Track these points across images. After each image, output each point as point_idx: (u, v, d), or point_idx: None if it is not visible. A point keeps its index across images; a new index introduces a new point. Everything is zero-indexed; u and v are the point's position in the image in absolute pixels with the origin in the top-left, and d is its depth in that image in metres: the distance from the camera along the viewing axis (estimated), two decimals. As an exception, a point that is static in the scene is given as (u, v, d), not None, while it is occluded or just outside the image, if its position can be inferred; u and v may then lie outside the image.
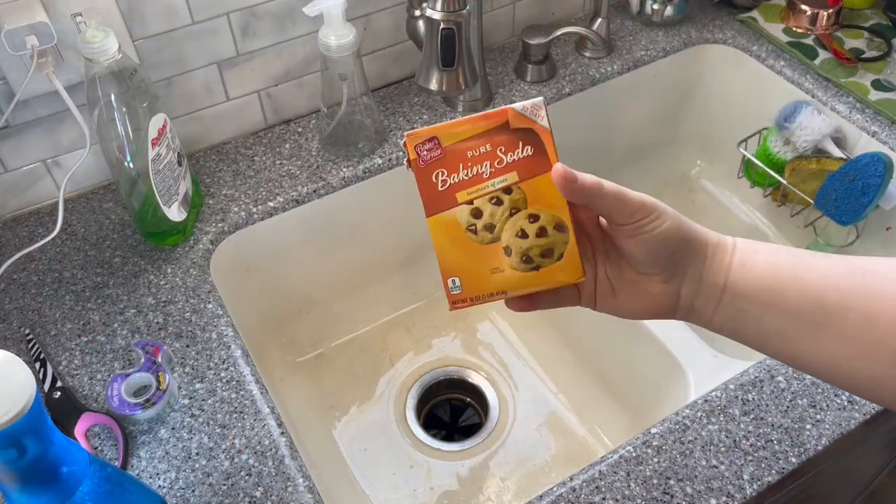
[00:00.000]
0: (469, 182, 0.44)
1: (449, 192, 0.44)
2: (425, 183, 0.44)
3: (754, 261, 0.45)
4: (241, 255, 0.84)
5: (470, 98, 0.93)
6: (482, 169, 0.44)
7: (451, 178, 0.44)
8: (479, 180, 0.44)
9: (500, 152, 0.43)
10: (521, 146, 0.44)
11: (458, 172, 0.44)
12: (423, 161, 0.44)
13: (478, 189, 0.44)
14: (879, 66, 0.95)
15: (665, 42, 1.03)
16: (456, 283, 0.45)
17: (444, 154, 0.44)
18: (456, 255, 0.45)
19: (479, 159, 0.44)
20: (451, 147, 0.44)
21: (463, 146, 0.44)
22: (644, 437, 0.64)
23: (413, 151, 0.44)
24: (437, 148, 0.44)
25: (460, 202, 0.44)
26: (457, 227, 0.44)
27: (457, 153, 0.44)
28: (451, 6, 0.70)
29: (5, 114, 0.75)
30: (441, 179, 0.44)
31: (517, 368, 0.95)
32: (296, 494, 0.61)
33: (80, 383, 0.69)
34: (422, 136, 0.43)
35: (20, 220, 0.83)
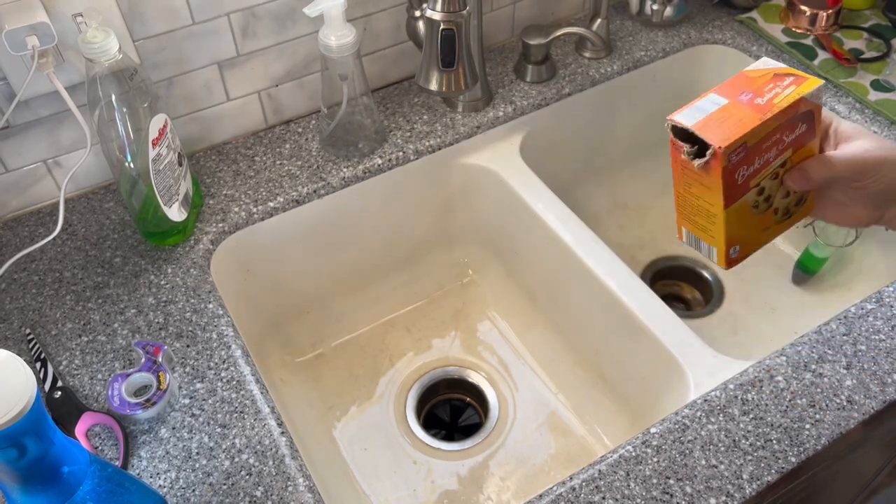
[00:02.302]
0: (760, 168, 0.49)
1: (745, 183, 0.49)
2: (729, 182, 0.48)
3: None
4: (241, 255, 0.84)
5: (470, 98, 0.93)
6: (770, 155, 0.49)
7: (748, 170, 0.48)
8: (767, 164, 0.49)
9: (784, 136, 0.48)
10: (798, 126, 0.49)
11: (753, 164, 0.49)
12: (732, 164, 0.47)
13: (765, 172, 0.49)
14: (879, 67, 0.95)
15: (665, 42, 1.03)
16: (736, 249, 0.52)
17: (746, 153, 0.48)
18: (740, 229, 0.51)
19: (768, 148, 0.48)
20: (752, 146, 0.48)
21: (760, 141, 0.48)
22: (643, 437, 0.64)
23: (726, 160, 0.47)
24: (743, 151, 0.47)
25: (752, 187, 0.49)
26: (746, 208, 0.50)
27: (754, 149, 0.48)
28: (451, 7, 0.70)
29: (6, 114, 0.76)
30: (741, 174, 0.48)
31: (517, 368, 0.95)
32: (296, 494, 0.61)
33: (81, 383, 0.69)
34: (735, 144, 0.46)
35: (21, 220, 0.83)
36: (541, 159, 0.96)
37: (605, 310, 0.81)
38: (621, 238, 1.08)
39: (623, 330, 0.79)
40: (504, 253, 1.00)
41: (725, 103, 0.48)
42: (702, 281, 1.04)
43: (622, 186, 1.13)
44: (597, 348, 0.89)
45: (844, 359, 0.68)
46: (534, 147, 0.96)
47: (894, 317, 0.71)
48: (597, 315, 0.85)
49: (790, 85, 0.49)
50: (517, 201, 0.89)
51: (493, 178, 0.92)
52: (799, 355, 0.69)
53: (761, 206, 0.51)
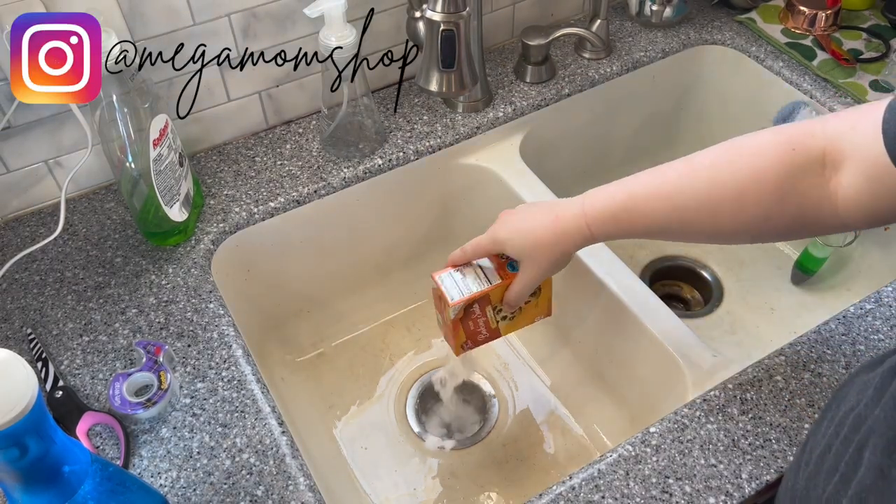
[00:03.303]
0: (475, 316, 0.71)
1: (470, 326, 0.72)
2: (462, 327, 0.71)
3: (600, 219, 0.64)
4: (242, 255, 0.84)
5: (470, 99, 0.93)
6: (475, 309, 0.70)
7: (469, 321, 0.71)
8: (477, 315, 0.72)
9: (483, 301, 0.71)
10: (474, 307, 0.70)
11: (471, 317, 0.71)
12: (462, 320, 0.70)
13: (477, 319, 0.72)
14: (878, 67, 0.95)
15: (664, 43, 1.03)
16: (468, 345, 0.73)
17: (464, 315, 0.70)
18: (466, 336, 0.72)
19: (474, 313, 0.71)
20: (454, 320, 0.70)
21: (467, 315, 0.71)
22: (643, 436, 0.64)
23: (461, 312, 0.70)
24: (465, 314, 0.70)
25: (470, 320, 0.71)
26: (467, 326, 0.72)
27: (467, 315, 0.70)
28: (451, 7, 0.70)
29: (7, 114, 0.76)
30: (466, 325, 0.71)
31: (517, 368, 0.95)
32: (296, 493, 0.61)
33: (82, 383, 0.69)
34: (459, 314, 0.70)
35: (22, 220, 0.84)
36: (541, 159, 0.96)
37: (605, 310, 0.81)
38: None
39: (623, 330, 0.79)
40: (504, 253, 1.00)
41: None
42: (701, 281, 1.04)
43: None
44: (596, 348, 0.89)
45: (843, 359, 0.69)
46: (534, 147, 0.96)
47: (893, 317, 0.72)
48: (597, 315, 0.85)
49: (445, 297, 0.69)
50: (517, 201, 0.89)
51: (493, 178, 0.92)
52: (798, 355, 0.69)
53: (479, 321, 0.72)
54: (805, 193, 0.54)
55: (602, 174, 1.12)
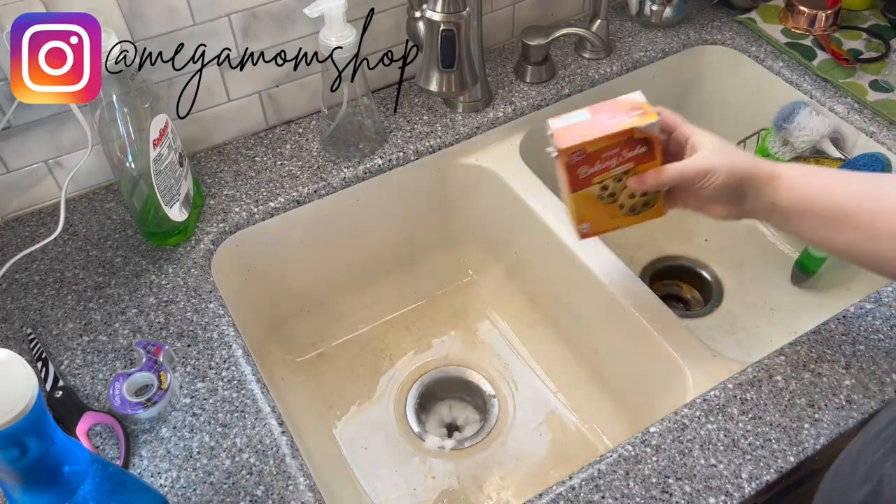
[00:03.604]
0: (601, 171, 0.64)
1: (587, 179, 0.65)
2: (572, 175, 0.64)
3: (795, 183, 0.62)
4: (242, 255, 0.84)
5: (470, 99, 0.93)
6: (610, 163, 0.64)
7: (589, 170, 0.64)
8: (607, 170, 0.64)
9: (624, 152, 0.63)
10: (638, 146, 0.63)
11: (593, 166, 0.64)
12: (573, 162, 0.63)
13: (605, 175, 0.64)
14: (877, 67, 0.95)
15: (664, 43, 1.03)
16: (586, 226, 0.69)
17: (586, 157, 0.63)
18: (587, 211, 0.67)
19: (608, 157, 0.63)
20: (591, 152, 0.63)
21: (599, 150, 0.63)
22: (643, 436, 0.64)
23: (567, 157, 0.63)
24: (582, 154, 0.63)
25: (594, 183, 0.65)
26: (591, 197, 0.66)
27: (593, 155, 0.63)
28: (451, 7, 0.70)
29: (7, 114, 0.76)
30: (582, 173, 0.64)
31: (517, 368, 0.95)
32: (297, 493, 0.61)
33: (82, 383, 0.69)
34: (573, 148, 0.62)
35: (22, 220, 0.84)
36: (541, 159, 0.95)
37: (605, 309, 0.81)
38: (621, 238, 1.07)
39: (622, 330, 0.79)
40: (504, 253, 1.00)
41: (587, 119, 0.64)
42: (701, 281, 1.04)
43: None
44: (596, 348, 0.89)
45: (843, 358, 0.69)
46: (534, 147, 0.96)
47: (893, 316, 0.72)
48: (596, 315, 0.85)
49: (634, 116, 0.62)
50: (517, 201, 0.90)
51: (493, 178, 0.92)
52: (798, 355, 0.69)
53: (605, 199, 0.67)
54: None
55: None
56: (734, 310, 1.00)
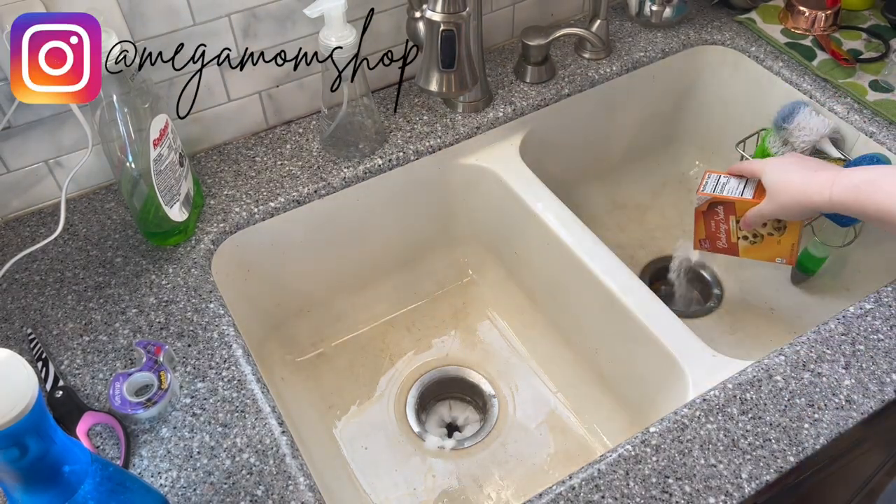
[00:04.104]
0: (721, 220, 0.86)
1: (715, 225, 0.87)
2: (703, 222, 0.87)
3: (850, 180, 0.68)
4: (242, 254, 0.84)
5: (470, 99, 0.93)
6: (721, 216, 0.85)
7: (715, 218, 0.86)
8: (723, 219, 0.85)
9: (720, 210, 0.84)
10: (718, 206, 0.84)
11: (716, 217, 0.86)
12: (704, 213, 0.85)
13: (724, 222, 0.85)
14: (877, 67, 0.95)
15: (664, 43, 1.03)
16: (705, 242, 0.89)
17: (707, 211, 0.85)
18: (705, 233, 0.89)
19: (721, 215, 0.86)
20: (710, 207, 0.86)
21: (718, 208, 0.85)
22: (643, 436, 0.64)
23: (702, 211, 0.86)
24: (711, 208, 0.85)
25: (719, 228, 0.87)
26: (710, 231, 0.88)
27: (711, 209, 0.86)
28: (451, 7, 0.70)
29: (7, 114, 0.76)
30: (710, 222, 0.87)
31: (517, 368, 0.95)
32: (297, 493, 0.61)
33: (82, 382, 0.69)
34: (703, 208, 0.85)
35: (22, 220, 0.84)
36: (540, 160, 0.96)
37: (605, 309, 0.81)
38: (620, 238, 1.08)
39: (622, 329, 0.79)
40: (504, 253, 1.00)
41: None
42: (701, 281, 1.04)
43: (621, 187, 1.13)
44: (596, 348, 0.89)
45: (843, 358, 0.69)
46: (533, 147, 0.96)
47: (893, 316, 0.72)
48: (596, 315, 0.85)
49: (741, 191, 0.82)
50: (517, 201, 0.90)
51: (493, 179, 0.92)
52: (798, 355, 0.69)
53: (722, 235, 0.86)
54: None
55: (602, 174, 1.12)
56: (734, 310, 1.00)
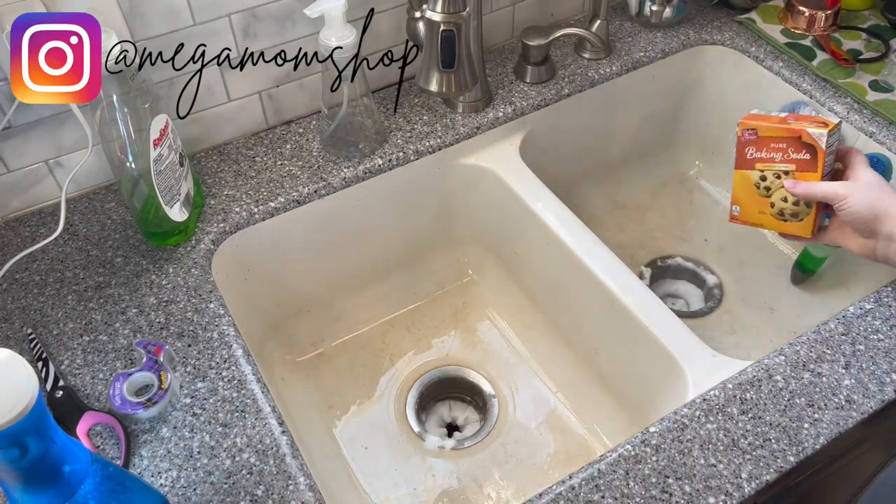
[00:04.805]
0: (765, 160, 0.74)
1: (752, 161, 0.75)
2: (740, 151, 0.75)
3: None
4: (242, 254, 0.85)
5: (470, 99, 0.93)
6: (775, 155, 0.73)
7: (755, 153, 0.74)
8: (771, 161, 0.74)
9: (790, 150, 0.72)
10: (803, 152, 0.72)
11: (760, 152, 0.74)
12: (744, 139, 0.74)
13: (768, 165, 0.74)
14: (877, 67, 0.95)
15: (664, 43, 1.03)
16: (736, 209, 0.78)
17: (757, 139, 0.74)
18: (742, 194, 0.77)
19: (775, 149, 0.73)
20: (762, 136, 0.73)
21: (769, 138, 0.73)
22: (643, 436, 0.64)
23: (741, 131, 0.74)
24: (754, 134, 0.74)
25: (755, 168, 0.75)
26: (748, 180, 0.76)
27: (764, 140, 0.73)
28: (451, 7, 0.70)
29: (7, 114, 0.76)
30: (749, 152, 0.75)
31: (517, 368, 0.95)
32: (297, 493, 0.61)
33: (83, 382, 0.69)
34: (748, 125, 0.74)
35: (22, 220, 0.84)
36: (540, 159, 0.96)
37: (605, 309, 0.81)
38: (620, 238, 1.08)
39: (622, 329, 0.79)
40: (504, 253, 1.00)
41: (781, 116, 0.74)
42: (701, 281, 1.04)
43: (621, 186, 1.13)
44: (596, 348, 0.89)
45: (843, 358, 0.69)
46: (533, 147, 0.96)
47: (893, 316, 0.72)
48: (596, 314, 0.85)
49: (813, 125, 0.71)
50: (517, 201, 0.90)
51: (493, 179, 0.93)
52: (797, 355, 0.69)
53: (761, 191, 0.75)
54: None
55: (602, 174, 1.12)
56: (734, 310, 1.00)
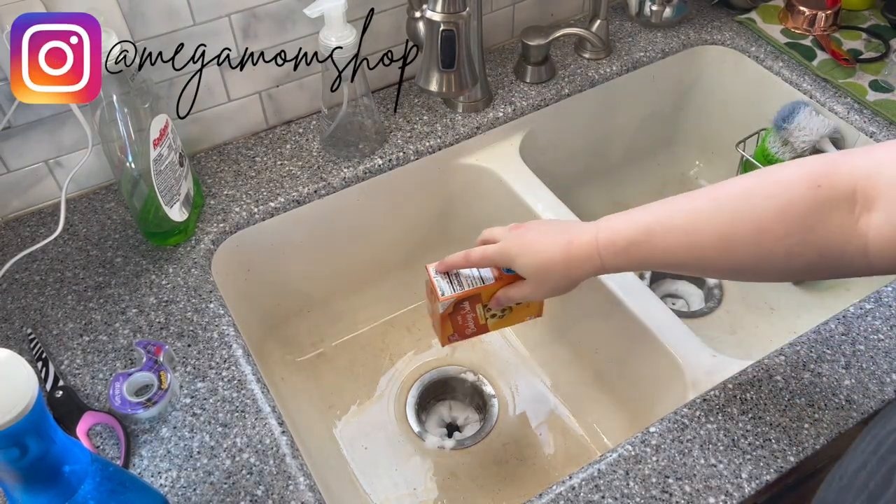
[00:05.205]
0: (464, 312, 0.71)
1: (454, 316, 0.71)
2: (451, 321, 0.71)
3: (612, 249, 0.61)
4: (242, 254, 0.84)
5: (470, 99, 0.93)
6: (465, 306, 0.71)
7: (458, 315, 0.71)
8: (466, 311, 0.71)
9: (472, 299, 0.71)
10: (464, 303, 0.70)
11: (461, 312, 0.71)
12: (451, 310, 0.70)
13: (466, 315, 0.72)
14: (877, 67, 0.95)
15: (664, 43, 1.03)
16: (454, 336, 0.73)
17: (452, 309, 0.71)
18: (453, 329, 0.73)
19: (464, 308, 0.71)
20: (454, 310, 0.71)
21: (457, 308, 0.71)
22: (643, 436, 0.64)
23: (448, 312, 0.70)
24: (455, 307, 0.70)
25: (459, 315, 0.72)
26: (455, 320, 0.72)
27: (458, 310, 0.71)
28: (451, 7, 0.70)
29: (7, 114, 0.76)
30: (454, 317, 0.71)
31: (517, 368, 0.95)
32: (297, 493, 0.61)
33: (82, 382, 0.69)
34: (448, 308, 0.70)
35: (22, 220, 0.84)
36: (540, 159, 0.96)
37: (605, 309, 0.81)
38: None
39: (622, 330, 0.79)
40: (504, 253, 1.00)
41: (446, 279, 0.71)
42: (701, 281, 1.04)
43: (621, 186, 1.13)
44: (596, 347, 0.89)
45: (843, 358, 0.69)
46: (534, 147, 0.96)
47: (893, 316, 0.72)
48: (596, 315, 0.85)
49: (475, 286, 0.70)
50: (517, 201, 0.90)
51: (493, 178, 0.92)
52: (798, 355, 0.69)
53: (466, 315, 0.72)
54: (831, 233, 0.50)
55: (602, 174, 1.12)
56: (734, 310, 1.00)
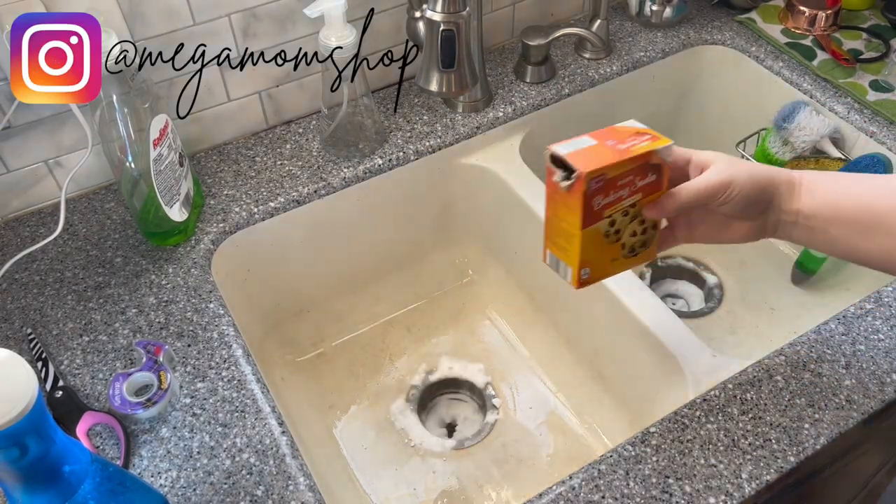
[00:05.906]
0: (613, 202, 0.56)
1: (599, 211, 0.56)
2: (587, 205, 0.55)
3: (818, 188, 0.58)
4: (242, 254, 0.84)
5: (470, 99, 0.93)
6: (623, 193, 0.56)
7: (603, 200, 0.56)
8: (620, 200, 0.56)
9: (637, 180, 0.56)
10: (649, 174, 0.57)
11: (608, 196, 0.56)
12: (591, 190, 0.54)
13: (617, 206, 0.57)
14: (877, 67, 0.95)
15: (664, 43, 1.03)
16: (587, 271, 0.59)
17: (604, 184, 0.55)
18: (591, 253, 0.58)
19: (622, 186, 0.56)
20: (609, 179, 0.55)
21: (616, 177, 0.55)
22: (643, 436, 0.64)
23: (586, 185, 0.54)
24: (602, 181, 0.54)
25: (605, 217, 0.57)
26: (598, 235, 0.57)
27: (610, 182, 0.55)
28: (451, 7, 0.70)
29: (7, 114, 0.76)
30: (597, 202, 0.55)
31: (517, 368, 0.95)
32: (297, 493, 0.61)
33: (82, 382, 0.69)
34: (596, 172, 0.54)
35: (22, 220, 0.84)
36: (541, 160, 0.96)
37: (605, 309, 0.81)
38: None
39: (622, 329, 0.79)
40: (504, 253, 1.00)
41: (594, 143, 0.56)
42: (701, 281, 1.04)
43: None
44: (596, 348, 0.89)
45: (843, 358, 0.69)
46: (534, 147, 0.96)
47: (893, 316, 0.72)
48: (596, 314, 0.85)
49: (646, 140, 0.56)
50: (517, 201, 0.90)
51: (493, 178, 0.92)
52: (798, 355, 0.69)
53: (611, 237, 0.58)
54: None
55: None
56: (734, 310, 1.00)
